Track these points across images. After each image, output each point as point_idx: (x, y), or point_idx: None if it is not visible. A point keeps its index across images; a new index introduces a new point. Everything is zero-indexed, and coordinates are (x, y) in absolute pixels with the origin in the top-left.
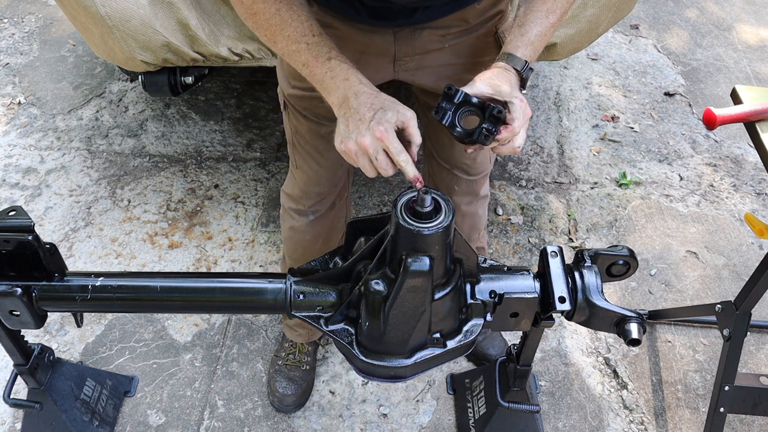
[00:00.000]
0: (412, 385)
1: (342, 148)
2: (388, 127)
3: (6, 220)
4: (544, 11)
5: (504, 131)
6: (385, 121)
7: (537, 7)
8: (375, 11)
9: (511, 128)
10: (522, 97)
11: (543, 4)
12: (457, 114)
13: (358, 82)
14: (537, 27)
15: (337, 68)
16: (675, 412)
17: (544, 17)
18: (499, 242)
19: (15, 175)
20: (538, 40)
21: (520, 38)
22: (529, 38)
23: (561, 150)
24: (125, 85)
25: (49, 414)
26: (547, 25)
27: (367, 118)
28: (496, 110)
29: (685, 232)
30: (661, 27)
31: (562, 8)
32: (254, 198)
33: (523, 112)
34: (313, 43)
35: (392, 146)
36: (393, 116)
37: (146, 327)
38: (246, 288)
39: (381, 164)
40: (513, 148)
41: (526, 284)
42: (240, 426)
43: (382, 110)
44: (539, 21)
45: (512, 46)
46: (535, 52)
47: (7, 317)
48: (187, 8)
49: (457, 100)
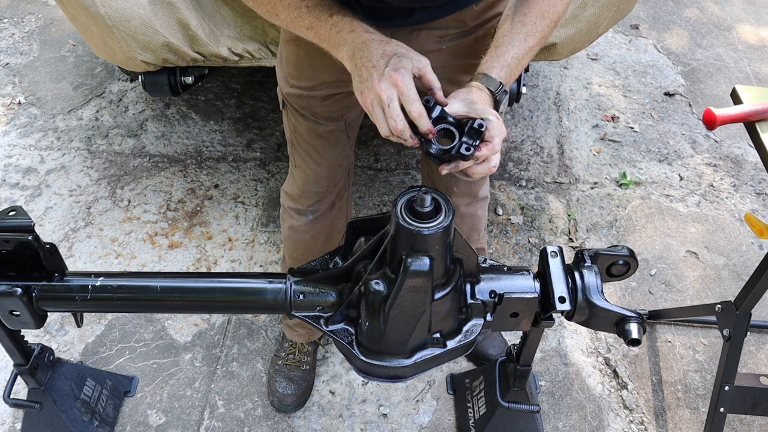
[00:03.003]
0: (412, 385)
1: (361, 100)
2: (405, 73)
3: (6, 220)
4: (523, 34)
5: (484, 148)
6: (401, 66)
7: (516, 29)
8: (372, 11)
9: (491, 145)
10: (498, 115)
11: (522, 26)
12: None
13: (364, 31)
14: (514, 50)
15: (341, 22)
16: (675, 412)
17: (522, 40)
18: (499, 242)
19: (15, 175)
20: (514, 62)
21: (497, 59)
22: (505, 60)
23: (561, 150)
24: (125, 85)
25: (49, 414)
26: (525, 48)
27: (381, 65)
28: (477, 123)
29: (685, 232)
30: (661, 27)
31: (541, 33)
32: (254, 198)
33: (499, 130)
34: (313, 5)
35: (408, 93)
36: (408, 63)
37: (146, 327)
38: (246, 288)
39: (393, 113)
40: (489, 167)
41: (526, 284)
42: (240, 426)
43: (396, 56)
44: (517, 44)
45: (487, 67)
46: (511, 74)
47: (7, 317)
48: (187, 8)
49: (434, 116)
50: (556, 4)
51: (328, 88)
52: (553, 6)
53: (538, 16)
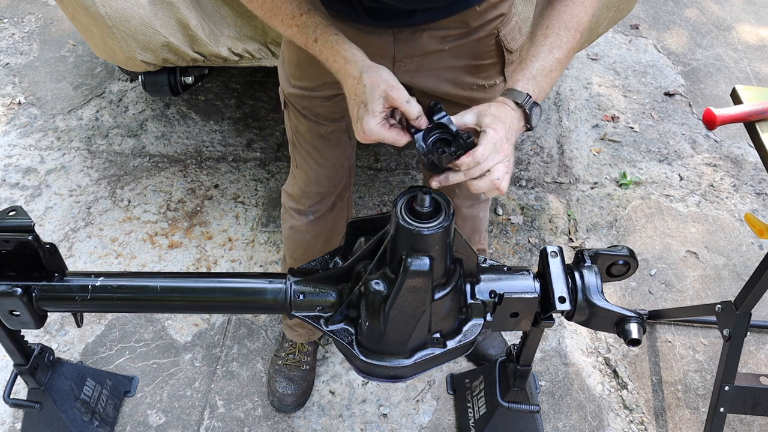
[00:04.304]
0: (412, 385)
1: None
2: (372, 127)
3: (6, 220)
4: (547, 46)
5: (465, 156)
6: (368, 121)
7: (539, 42)
8: (373, 12)
9: (474, 155)
10: (504, 133)
11: (545, 39)
12: (429, 137)
13: (344, 62)
14: (539, 62)
15: (325, 50)
16: (675, 412)
17: (547, 52)
18: (499, 242)
19: (15, 175)
20: (541, 74)
21: (521, 72)
22: (530, 72)
23: (561, 150)
24: (125, 85)
25: (49, 414)
26: (552, 60)
27: (355, 115)
28: (465, 135)
29: (685, 232)
30: (661, 27)
31: (568, 44)
32: (254, 198)
33: (494, 144)
34: (302, 25)
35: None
36: (378, 105)
37: (146, 327)
38: (246, 288)
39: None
40: (491, 182)
41: (526, 284)
42: (240, 426)
43: (364, 106)
44: (542, 56)
45: (513, 81)
46: (539, 86)
47: (7, 317)
48: (187, 8)
49: (436, 118)
50: (579, 14)
51: (330, 89)
52: (576, 16)
53: (561, 27)
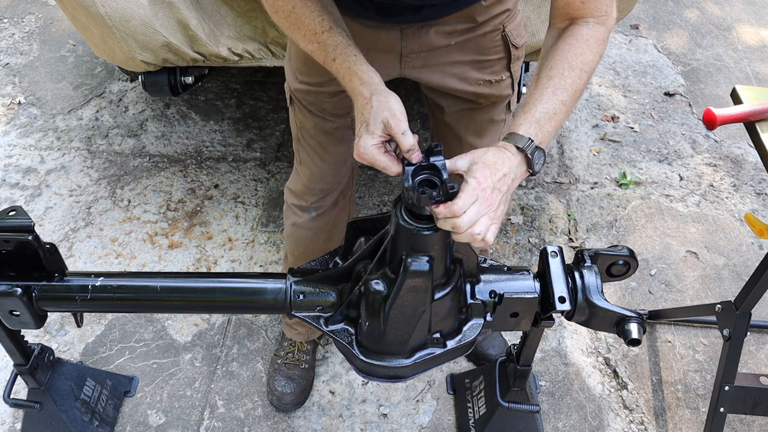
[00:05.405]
0: (412, 385)
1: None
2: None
3: (6, 220)
4: (551, 88)
5: (442, 206)
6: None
7: (543, 84)
8: (382, 7)
9: (450, 207)
10: (491, 182)
11: (548, 80)
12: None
13: (359, 82)
14: (542, 105)
15: (342, 70)
16: (675, 412)
17: (551, 94)
18: (499, 242)
19: (15, 175)
20: (544, 118)
21: (523, 116)
22: (533, 116)
23: (561, 150)
24: (125, 85)
25: (49, 414)
26: (556, 102)
27: (357, 133)
28: (450, 185)
29: (685, 232)
30: (661, 27)
31: (573, 85)
32: (254, 198)
33: (475, 195)
34: (322, 43)
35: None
36: (378, 129)
37: (146, 327)
38: (246, 288)
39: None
40: (471, 235)
41: (526, 284)
42: (240, 426)
43: (366, 126)
44: (545, 99)
45: (515, 125)
46: (542, 129)
47: (7, 317)
48: (187, 8)
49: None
50: (584, 53)
51: (336, 85)
52: (580, 56)
53: (566, 67)
